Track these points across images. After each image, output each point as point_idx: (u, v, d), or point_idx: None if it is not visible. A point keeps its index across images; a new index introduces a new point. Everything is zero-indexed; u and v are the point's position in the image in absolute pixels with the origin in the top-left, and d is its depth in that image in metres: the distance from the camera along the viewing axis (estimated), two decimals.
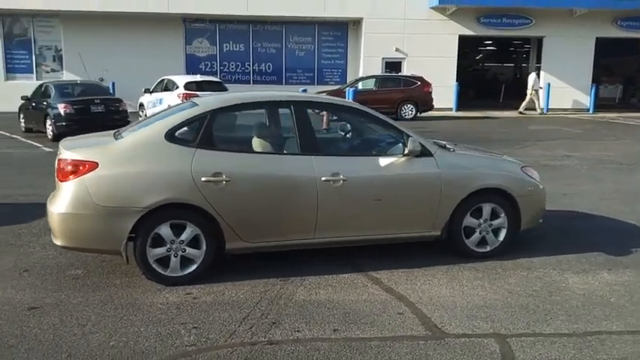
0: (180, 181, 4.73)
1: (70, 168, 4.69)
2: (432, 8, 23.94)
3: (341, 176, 5.04)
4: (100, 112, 15.02)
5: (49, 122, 14.75)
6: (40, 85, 16.47)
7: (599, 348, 3.79)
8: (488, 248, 5.60)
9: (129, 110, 16.08)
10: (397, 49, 23.99)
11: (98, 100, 15.18)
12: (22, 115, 16.79)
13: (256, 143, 5.24)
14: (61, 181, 4.73)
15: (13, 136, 15.78)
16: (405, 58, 24.11)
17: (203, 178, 4.75)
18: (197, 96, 15.69)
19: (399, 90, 21.00)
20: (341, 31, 25.25)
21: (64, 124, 14.21)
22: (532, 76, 23.79)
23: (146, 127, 5.03)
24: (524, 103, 23.86)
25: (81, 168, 4.67)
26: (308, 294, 4.68)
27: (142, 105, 18.71)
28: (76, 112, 14.56)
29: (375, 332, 4.00)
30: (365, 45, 24.06)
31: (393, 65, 24.15)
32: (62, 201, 4.68)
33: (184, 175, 4.74)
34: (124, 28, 23.66)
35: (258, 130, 5.37)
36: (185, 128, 4.96)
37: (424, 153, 5.33)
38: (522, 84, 28.26)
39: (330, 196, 5.05)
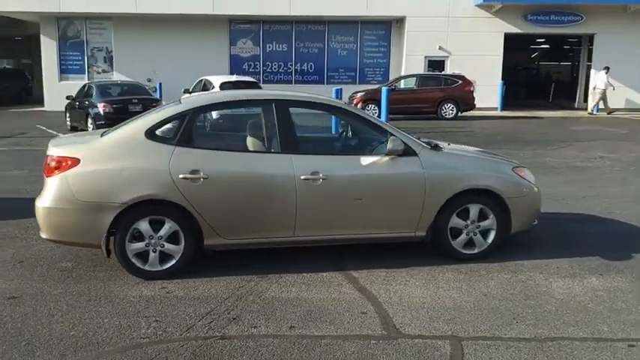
0: (158, 178, 4.85)
1: (54, 164, 4.89)
2: (478, 6, 23.45)
3: (320, 175, 5.05)
4: (137, 111, 15.43)
5: (90, 121, 15.35)
6: (84, 85, 17.14)
7: (554, 354, 3.66)
8: (475, 250, 5.48)
9: None
10: (440, 48, 23.62)
11: (136, 100, 15.69)
12: (67, 114, 17.52)
13: (235, 141, 5.32)
14: (47, 177, 4.93)
15: (59, 134, 16.46)
16: (448, 57, 23.71)
17: (180, 176, 4.85)
18: None
19: (439, 89, 20.69)
20: (384, 29, 25.09)
21: (103, 122, 14.73)
22: (600, 74, 22.75)
23: (128, 125, 5.18)
24: (593, 103, 23.01)
25: (64, 164, 4.86)
26: (280, 291, 4.71)
27: None
28: (114, 111, 15.10)
29: (330, 330, 4.00)
30: (407, 43, 23.82)
31: (435, 64, 23.81)
32: (46, 196, 4.88)
33: (162, 172, 4.85)
34: (171, 29, 24.29)
35: (238, 128, 5.44)
36: (166, 126, 5.08)
37: (408, 152, 5.26)
38: (575, 83, 27.34)
39: (310, 194, 5.07)
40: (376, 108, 19.17)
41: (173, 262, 4.98)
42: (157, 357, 3.61)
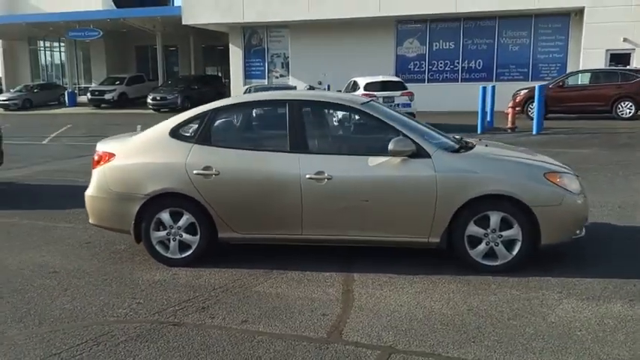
0: (176, 174, 5.29)
1: (97, 158, 5.60)
2: None
3: (325, 175, 5.07)
4: None
5: None
6: (247, 89, 18.62)
7: None
8: (498, 262, 5.02)
9: None
10: (626, 40, 21.12)
11: None
12: None
13: (249, 140, 5.54)
14: (93, 169, 5.66)
15: None
16: (634, 50, 21.11)
17: (195, 171, 5.24)
18: (374, 97, 16.24)
19: (616, 85, 18.52)
20: (561, 22, 23.17)
21: None
22: None
23: (159, 124, 5.69)
24: None
25: (103, 158, 5.54)
26: (269, 287, 4.85)
27: None
28: None
29: (277, 329, 4.05)
30: (586, 36, 21.71)
31: (619, 58, 21.35)
32: (91, 185, 5.61)
33: (180, 167, 5.28)
34: (339, 33, 25.12)
35: (253, 128, 5.66)
36: (188, 126, 5.50)
37: (420, 154, 5.02)
38: None
39: (315, 194, 5.11)
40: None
41: (190, 251, 5.38)
42: (106, 334, 4.00)
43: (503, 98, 18.17)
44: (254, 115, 5.82)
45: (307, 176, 5.09)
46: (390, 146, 4.95)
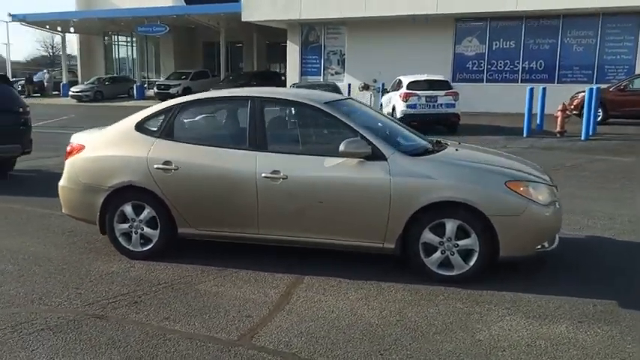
0: (138, 167, 5.32)
1: (69, 149, 5.72)
2: None
3: (281, 174, 4.95)
4: None
5: None
6: (292, 85, 18.65)
7: None
8: (453, 272, 4.74)
9: None
10: None
11: None
12: None
13: (210, 137, 5.48)
14: (65, 160, 5.79)
15: None
16: None
17: (155, 166, 5.25)
18: (416, 95, 15.86)
19: None
20: (631, 22, 21.74)
21: None
22: None
23: (126, 118, 5.73)
24: None
25: (75, 150, 5.65)
26: (212, 285, 4.78)
27: (381, 105, 19.50)
28: None
29: (193, 328, 3.97)
30: None
31: None
32: (63, 176, 5.74)
33: (142, 161, 5.31)
34: (396, 30, 24.69)
35: (215, 124, 5.59)
36: (153, 120, 5.51)
37: (377, 156, 4.81)
38: None
39: (270, 193, 5.00)
40: (599, 110, 16.85)
41: (151, 245, 5.40)
42: (28, 322, 4.06)
43: (564, 101, 17.27)
44: (218, 111, 5.76)
45: (263, 175, 4.98)
46: (341, 147, 4.77)
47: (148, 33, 33.35)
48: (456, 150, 5.33)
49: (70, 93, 34.85)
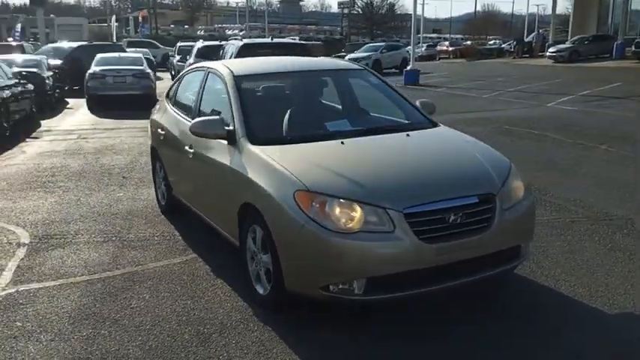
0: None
1: None
2: None
3: (192, 150, 4.79)
4: None
5: None
6: None
7: None
8: (262, 292, 3.80)
9: None
10: None
11: None
12: None
13: (183, 106, 5.55)
14: None
15: None
16: None
17: (154, 129, 6.08)
18: None
19: None
20: None
21: None
22: None
23: None
24: None
25: None
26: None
27: None
28: None
29: None
30: None
31: None
32: None
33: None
34: None
35: (189, 94, 5.52)
36: (172, 87, 6.05)
37: (232, 139, 4.16)
38: None
39: (189, 165, 4.96)
40: None
41: None
42: None
43: None
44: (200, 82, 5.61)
45: (185, 147, 4.90)
46: (190, 125, 4.36)
47: None
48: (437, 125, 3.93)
49: (547, 54, 34.25)
